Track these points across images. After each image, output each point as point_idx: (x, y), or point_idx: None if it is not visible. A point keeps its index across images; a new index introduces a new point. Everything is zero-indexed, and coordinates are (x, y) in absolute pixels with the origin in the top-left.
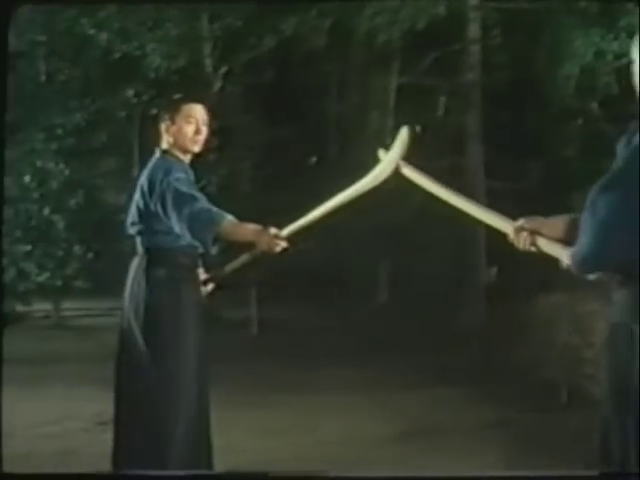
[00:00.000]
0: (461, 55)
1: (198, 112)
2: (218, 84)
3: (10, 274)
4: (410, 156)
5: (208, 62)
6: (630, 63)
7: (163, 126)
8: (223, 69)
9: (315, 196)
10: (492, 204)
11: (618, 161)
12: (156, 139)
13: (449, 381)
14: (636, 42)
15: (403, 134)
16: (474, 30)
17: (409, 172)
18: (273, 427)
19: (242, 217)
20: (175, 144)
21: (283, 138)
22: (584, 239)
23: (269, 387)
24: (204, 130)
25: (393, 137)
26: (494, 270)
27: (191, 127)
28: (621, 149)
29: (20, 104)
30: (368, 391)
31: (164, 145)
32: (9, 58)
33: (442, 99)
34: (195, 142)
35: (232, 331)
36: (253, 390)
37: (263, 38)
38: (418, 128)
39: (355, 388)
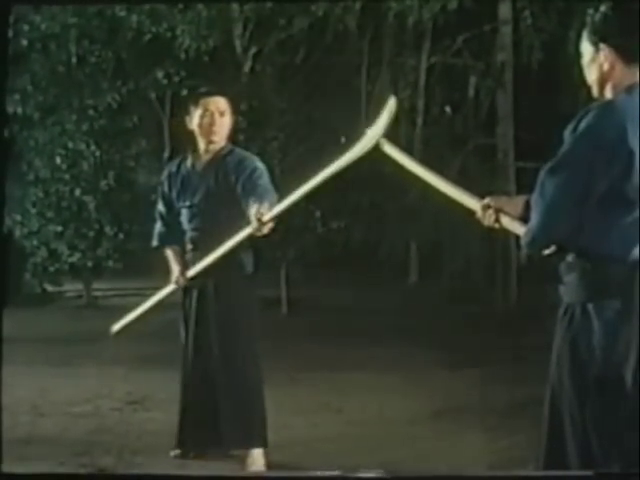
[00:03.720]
0: (492, 36)
1: (212, 104)
2: (248, 65)
3: (41, 255)
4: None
5: (238, 43)
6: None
7: (187, 119)
8: (253, 50)
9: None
10: (522, 185)
11: (565, 145)
12: (185, 122)
13: (480, 361)
14: (585, 36)
15: (390, 106)
16: (505, 11)
17: (390, 149)
18: (302, 406)
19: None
20: (200, 138)
21: (313, 118)
22: (534, 218)
23: (299, 366)
24: (219, 120)
25: (424, 117)
26: (524, 251)
27: (206, 120)
28: (568, 134)
29: (52, 86)
30: (397, 371)
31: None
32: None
33: (473, 80)
34: (211, 133)
35: (262, 310)
36: (283, 369)
37: (294, 19)
38: (448, 108)
39: (384, 368)
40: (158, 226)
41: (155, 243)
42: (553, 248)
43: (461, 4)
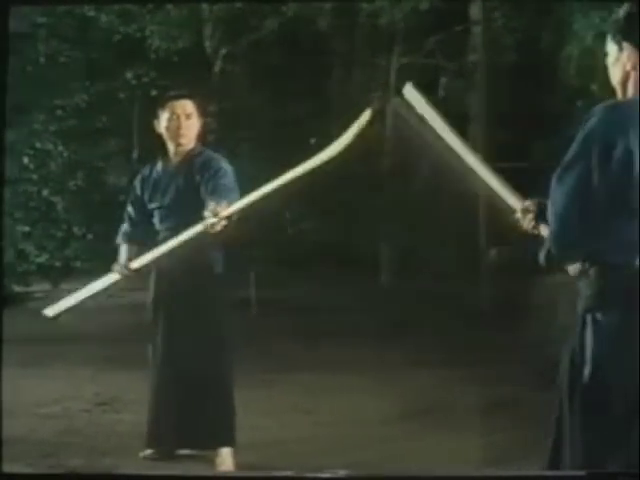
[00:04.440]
0: (464, 36)
1: (179, 107)
2: (219, 66)
3: (9, 255)
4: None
5: (209, 44)
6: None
7: (155, 123)
8: (224, 51)
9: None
10: None
11: (570, 150)
12: (154, 125)
13: (453, 361)
14: (610, 36)
15: (365, 116)
16: (476, 11)
17: (411, 93)
18: (272, 407)
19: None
20: (169, 141)
21: (284, 119)
22: (549, 231)
23: (268, 367)
24: (185, 123)
25: (393, 119)
26: (494, 251)
27: (173, 123)
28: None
29: (21, 86)
30: (369, 371)
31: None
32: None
33: (443, 80)
34: (179, 135)
35: (231, 311)
36: (252, 370)
37: (265, 20)
38: None
39: (355, 368)
40: (125, 226)
41: (118, 241)
42: (579, 265)
43: (432, 4)
